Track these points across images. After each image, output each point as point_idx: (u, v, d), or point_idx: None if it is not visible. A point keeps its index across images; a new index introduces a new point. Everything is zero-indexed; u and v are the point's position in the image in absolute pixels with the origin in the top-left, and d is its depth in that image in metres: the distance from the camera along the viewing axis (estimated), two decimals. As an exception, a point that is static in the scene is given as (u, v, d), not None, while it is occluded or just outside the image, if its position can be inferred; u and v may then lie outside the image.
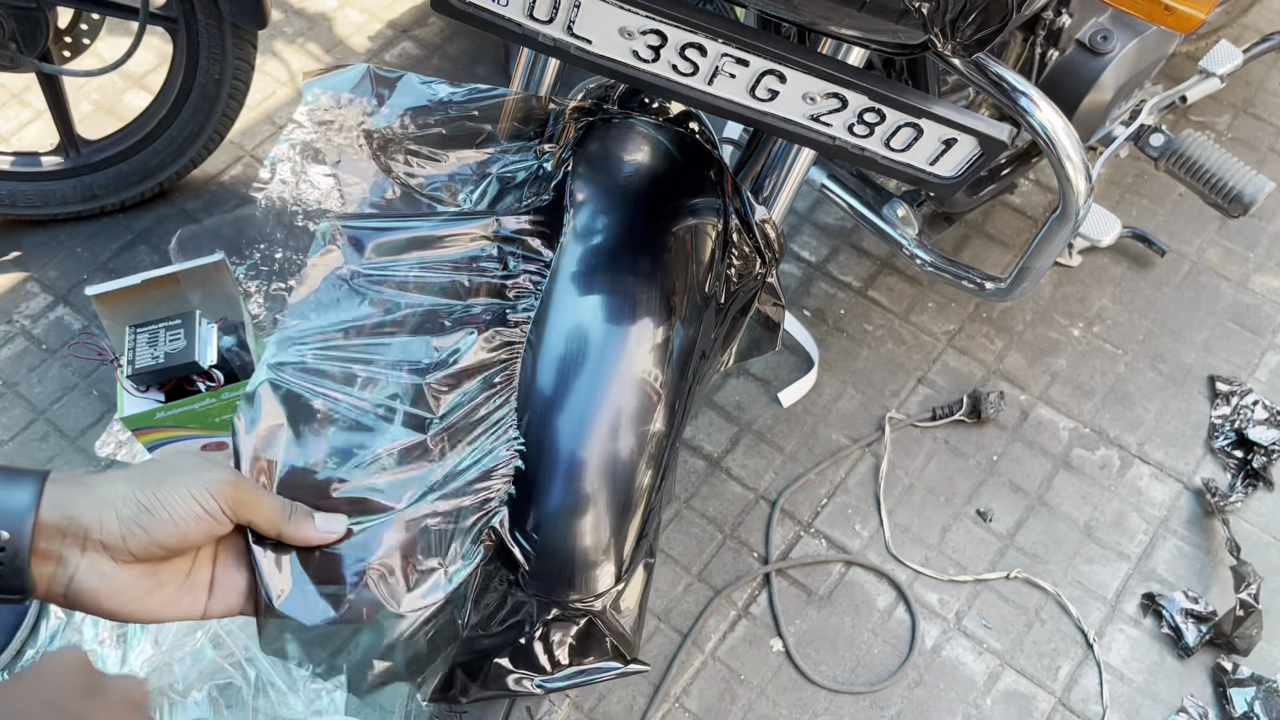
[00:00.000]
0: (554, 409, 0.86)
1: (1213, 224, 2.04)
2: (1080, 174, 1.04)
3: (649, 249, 0.94)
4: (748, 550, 1.65)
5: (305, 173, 0.95)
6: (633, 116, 1.00)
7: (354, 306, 0.83)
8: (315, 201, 0.93)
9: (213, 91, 1.79)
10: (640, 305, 0.90)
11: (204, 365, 1.57)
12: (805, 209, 2.05)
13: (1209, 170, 1.52)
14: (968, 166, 0.85)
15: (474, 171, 0.94)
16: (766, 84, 0.82)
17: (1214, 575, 1.64)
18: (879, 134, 0.84)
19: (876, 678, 1.54)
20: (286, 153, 0.95)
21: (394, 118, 0.90)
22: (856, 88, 0.80)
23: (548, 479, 0.84)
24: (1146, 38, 1.41)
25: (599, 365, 0.87)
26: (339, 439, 0.79)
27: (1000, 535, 1.68)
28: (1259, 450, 1.73)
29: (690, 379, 0.95)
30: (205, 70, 1.76)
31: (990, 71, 0.96)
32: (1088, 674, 1.55)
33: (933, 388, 1.83)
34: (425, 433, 0.81)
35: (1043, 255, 1.19)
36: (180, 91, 1.80)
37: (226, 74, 1.77)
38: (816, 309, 1.92)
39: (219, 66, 1.76)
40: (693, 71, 0.82)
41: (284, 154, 0.95)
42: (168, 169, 1.91)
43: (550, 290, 0.90)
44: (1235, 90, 2.23)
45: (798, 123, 0.85)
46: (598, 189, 0.96)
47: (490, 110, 0.93)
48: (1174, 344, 1.89)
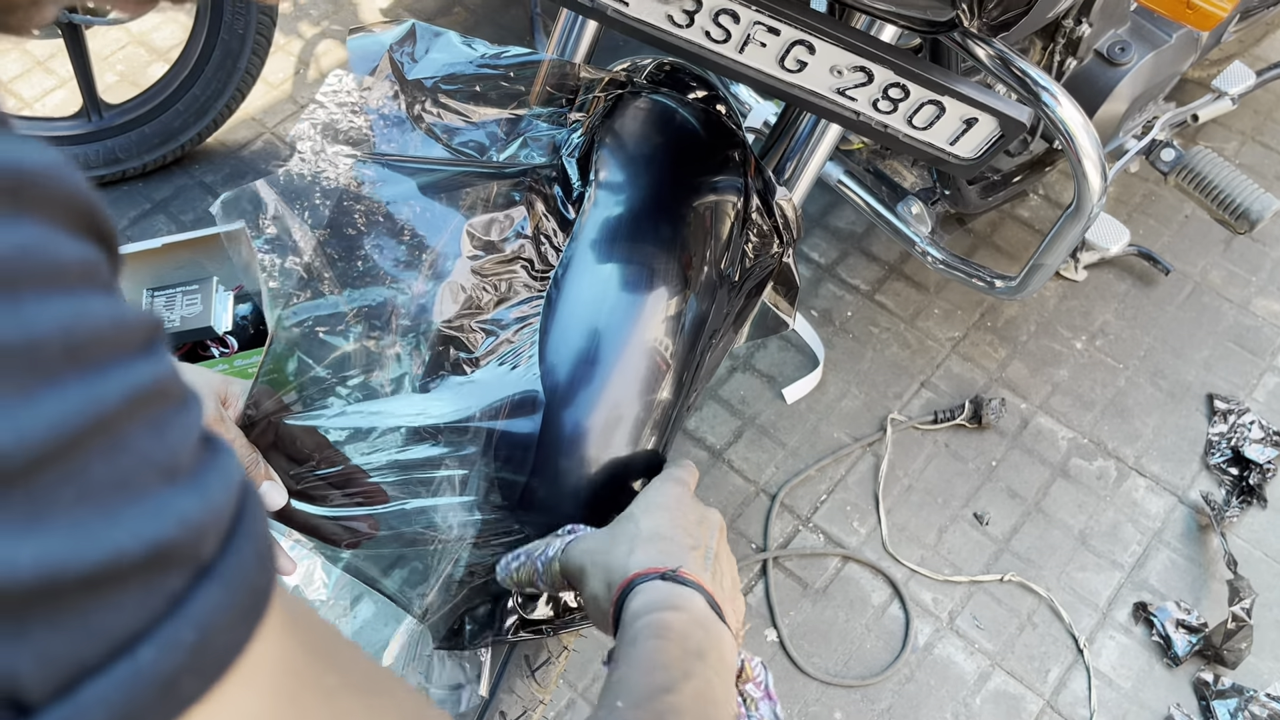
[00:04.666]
0: (565, 366, 0.88)
1: (1217, 246, 2.07)
2: (1097, 170, 1.06)
3: (669, 221, 0.96)
4: (746, 541, 1.66)
5: (325, 152, 0.97)
6: (661, 92, 1.02)
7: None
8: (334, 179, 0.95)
9: (236, 48, 1.81)
10: (657, 275, 0.92)
11: (219, 331, 1.59)
12: (818, 212, 2.08)
13: (1218, 186, 1.54)
14: (987, 147, 0.87)
15: (503, 131, 0.96)
16: (796, 55, 0.84)
17: (1205, 588, 1.65)
18: (902, 110, 0.86)
19: (868, 672, 1.56)
20: (307, 132, 0.97)
21: (431, 72, 0.92)
22: (883, 61, 0.82)
23: (556, 428, 0.86)
24: (1163, 52, 1.43)
25: (612, 329, 0.89)
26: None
27: (996, 539, 1.69)
28: (1254, 468, 1.75)
29: (700, 352, 0.97)
30: (229, 26, 1.78)
31: (1014, 65, 0.99)
32: (1077, 678, 1.57)
33: (935, 392, 1.85)
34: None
35: (1054, 252, 1.21)
36: (204, 49, 1.82)
37: (250, 29, 1.79)
38: (824, 310, 1.94)
39: (243, 21, 1.78)
40: (725, 39, 0.84)
41: (304, 133, 0.97)
42: (190, 130, 1.93)
43: (571, 253, 0.92)
44: (1244, 117, 2.26)
45: (824, 95, 0.87)
46: (623, 159, 0.98)
47: (525, 73, 0.95)
48: (1174, 361, 1.91)
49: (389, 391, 0.88)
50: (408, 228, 0.88)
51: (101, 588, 0.23)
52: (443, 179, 0.88)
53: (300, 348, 0.86)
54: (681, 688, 0.57)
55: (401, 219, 0.88)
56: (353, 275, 0.88)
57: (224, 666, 0.25)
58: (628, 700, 0.55)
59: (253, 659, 0.26)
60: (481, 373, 0.86)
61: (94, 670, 0.23)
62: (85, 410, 0.23)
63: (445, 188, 0.88)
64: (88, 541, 0.22)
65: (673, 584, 0.65)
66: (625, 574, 0.67)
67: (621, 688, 0.57)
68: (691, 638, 0.62)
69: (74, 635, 0.22)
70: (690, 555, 0.68)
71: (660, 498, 0.75)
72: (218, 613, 0.25)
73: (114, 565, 0.23)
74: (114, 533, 0.23)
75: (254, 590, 0.26)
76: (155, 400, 0.25)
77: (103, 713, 0.22)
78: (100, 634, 0.23)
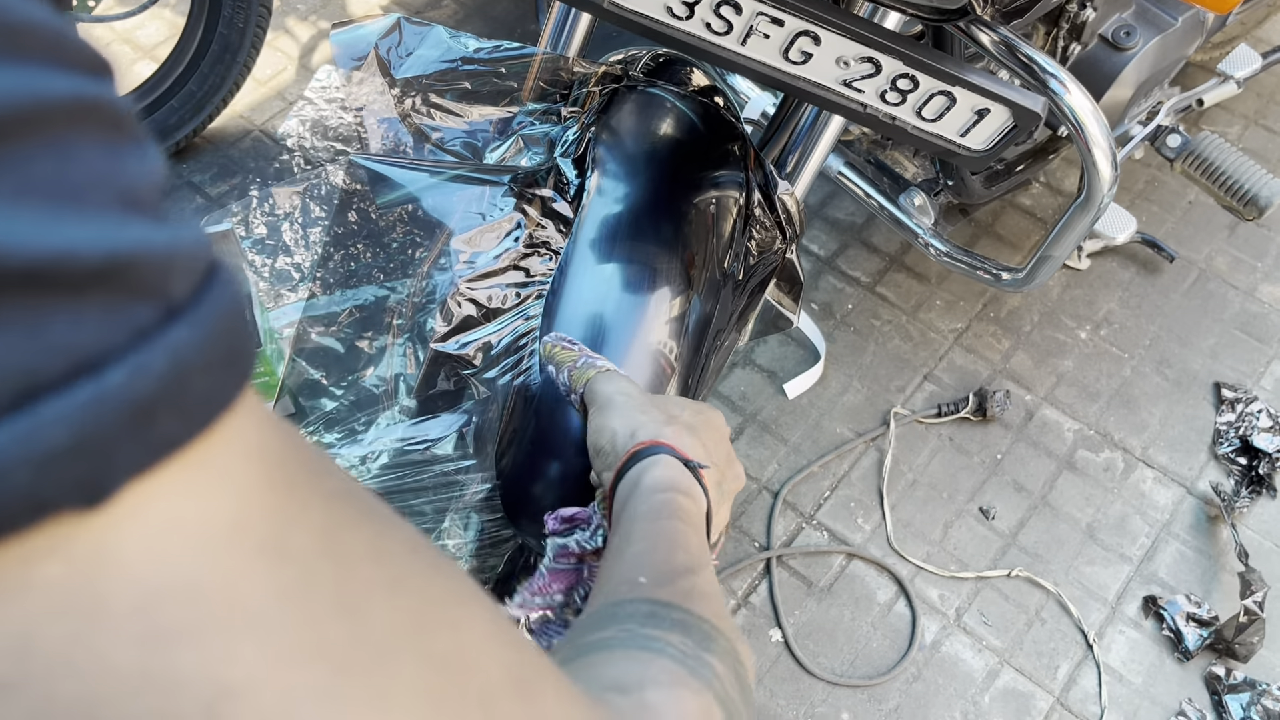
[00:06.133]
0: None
1: (1222, 232, 2.04)
2: (1107, 159, 1.03)
3: (669, 219, 0.93)
4: (749, 540, 1.64)
5: (314, 149, 0.94)
6: (658, 85, 0.99)
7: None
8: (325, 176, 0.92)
9: (235, 42, 1.77)
10: (659, 275, 0.90)
11: (208, 333, 1.56)
12: (817, 203, 2.05)
13: (1225, 172, 1.51)
14: (999, 139, 0.84)
15: (495, 129, 0.93)
16: (800, 46, 0.81)
17: (1215, 580, 1.63)
18: (911, 102, 0.83)
19: (875, 671, 1.53)
20: (296, 128, 0.94)
21: (419, 69, 0.89)
22: (892, 52, 0.79)
23: (558, 439, 0.84)
24: (1168, 35, 1.40)
25: (614, 335, 0.86)
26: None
27: (1002, 534, 1.67)
28: (1263, 457, 1.73)
29: (705, 354, 0.95)
30: (229, 20, 1.74)
31: (1021, 52, 0.96)
32: (1087, 674, 1.54)
33: (938, 385, 1.82)
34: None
35: (1062, 243, 1.18)
36: (200, 44, 1.78)
37: (250, 22, 1.75)
38: (825, 303, 1.91)
39: (243, 15, 1.74)
40: (726, 30, 0.81)
41: (293, 130, 0.94)
42: (185, 127, 1.90)
43: (569, 254, 0.90)
44: (1247, 101, 2.23)
45: (829, 88, 0.84)
46: (620, 156, 0.95)
47: (517, 69, 0.92)
48: (1180, 350, 1.89)
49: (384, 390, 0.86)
50: (399, 231, 0.85)
51: (51, 290, 0.20)
52: (434, 183, 0.85)
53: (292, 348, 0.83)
54: (702, 573, 0.56)
55: (392, 222, 0.85)
56: (344, 275, 0.86)
57: (205, 416, 0.23)
58: (652, 577, 0.54)
59: (238, 428, 0.24)
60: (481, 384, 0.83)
61: (53, 387, 0.21)
62: (17, 92, 0.21)
63: (437, 192, 0.85)
64: (31, 232, 0.20)
65: (692, 477, 0.66)
66: (653, 436, 0.67)
67: (642, 562, 0.56)
68: (701, 531, 0.63)
69: (23, 341, 0.20)
70: (712, 469, 0.69)
71: (709, 412, 0.76)
72: (192, 352, 0.22)
73: (64, 265, 0.20)
74: (64, 230, 0.21)
75: (231, 346, 0.24)
76: (106, 121, 0.23)
77: (64, 430, 0.20)
78: (57, 348, 0.21)
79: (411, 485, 0.85)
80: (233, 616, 0.23)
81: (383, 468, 0.85)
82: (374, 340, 0.86)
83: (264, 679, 0.23)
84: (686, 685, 0.43)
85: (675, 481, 0.63)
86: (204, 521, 0.23)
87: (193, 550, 0.23)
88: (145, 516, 0.22)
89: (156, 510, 0.22)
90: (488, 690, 0.29)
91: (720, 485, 0.70)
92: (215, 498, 0.24)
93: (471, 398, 0.85)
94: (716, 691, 0.44)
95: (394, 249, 0.86)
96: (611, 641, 0.47)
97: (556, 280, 0.89)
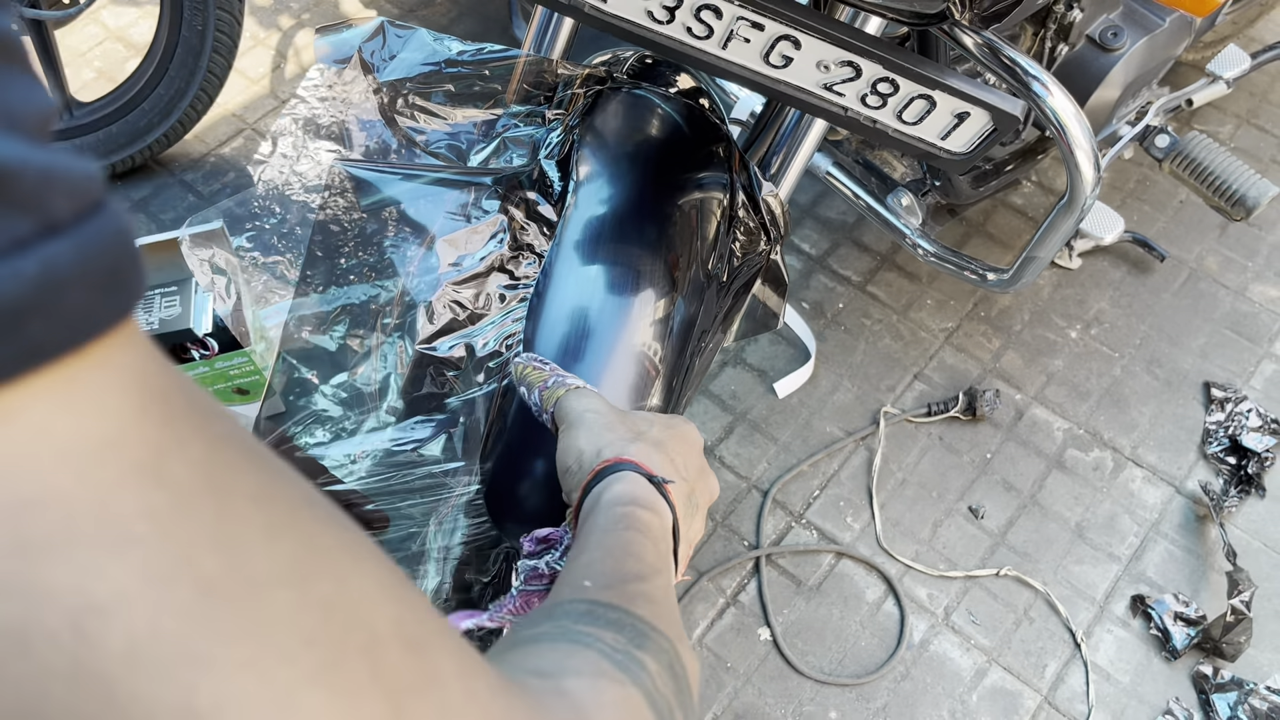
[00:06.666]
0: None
1: (1213, 232, 2.05)
2: (1089, 161, 1.03)
3: (654, 221, 0.94)
4: (739, 539, 1.64)
5: (306, 147, 0.94)
6: (642, 87, 0.99)
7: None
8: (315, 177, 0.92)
9: (196, 45, 1.77)
10: (643, 277, 0.90)
11: (199, 333, 1.56)
12: (807, 203, 2.05)
13: (1213, 172, 1.52)
14: (979, 142, 0.85)
15: (480, 132, 0.93)
16: (781, 50, 0.81)
17: (1204, 580, 1.64)
18: (891, 105, 0.83)
19: (863, 670, 1.54)
20: (288, 127, 0.94)
21: (403, 72, 0.89)
22: (871, 56, 0.79)
23: (542, 445, 0.84)
24: (1156, 36, 1.41)
25: (599, 336, 0.87)
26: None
27: (991, 533, 1.67)
28: (1252, 457, 1.73)
29: (690, 356, 0.95)
30: (189, 23, 1.74)
31: (1003, 54, 0.96)
32: (1074, 673, 1.55)
33: (929, 384, 1.82)
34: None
35: (1047, 245, 1.19)
36: (166, 47, 1.78)
37: (209, 25, 1.75)
38: (815, 302, 1.92)
39: (200, 18, 1.74)
40: (707, 35, 0.82)
41: (285, 128, 0.94)
42: (155, 130, 1.88)
43: (553, 256, 0.90)
44: (1239, 100, 2.23)
45: (810, 91, 0.84)
46: (604, 158, 0.96)
47: (501, 71, 0.92)
48: (1171, 349, 1.89)
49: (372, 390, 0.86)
50: (385, 233, 0.86)
51: None
52: (418, 186, 0.85)
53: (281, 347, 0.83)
54: (654, 580, 0.56)
55: (379, 224, 0.85)
56: (334, 274, 0.86)
57: (80, 333, 0.23)
58: (598, 582, 0.54)
59: (118, 354, 0.24)
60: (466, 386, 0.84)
61: None
62: None
63: (421, 195, 0.85)
64: None
65: (656, 491, 0.65)
66: (619, 453, 0.67)
67: (591, 570, 0.56)
68: (663, 543, 0.63)
69: None
70: (679, 486, 0.69)
71: (680, 425, 0.76)
72: (67, 266, 0.23)
73: None
74: None
75: (113, 272, 0.24)
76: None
77: None
78: None
79: (399, 487, 0.85)
80: (102, 533, 0.23)
81: (370, 469, 0.85)
82: (363, 339, 0.87)
83: (133, 596, 0.23)
84: (610, 677, 0.43)
85: (635, 496, 0.64)
86: (75, 436, 0.23)
87: (62, 463, 0.23)
88: (14, 424, 0.22)
89: (26, 420, 0.23)
90: (374, 641, 0.29)
91: (691, 498, 0.70)
92: (87, 415, 0.24)
93: (457, 400, 0.86)
94: (645, 687, 0.44)
95: (382, 249, 0.86)
96: (541, 636, 0.47)
97: (540, 282, 0.89)
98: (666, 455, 0.69)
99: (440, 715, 0.30)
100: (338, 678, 0.27)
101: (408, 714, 0.29)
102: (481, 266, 0.88)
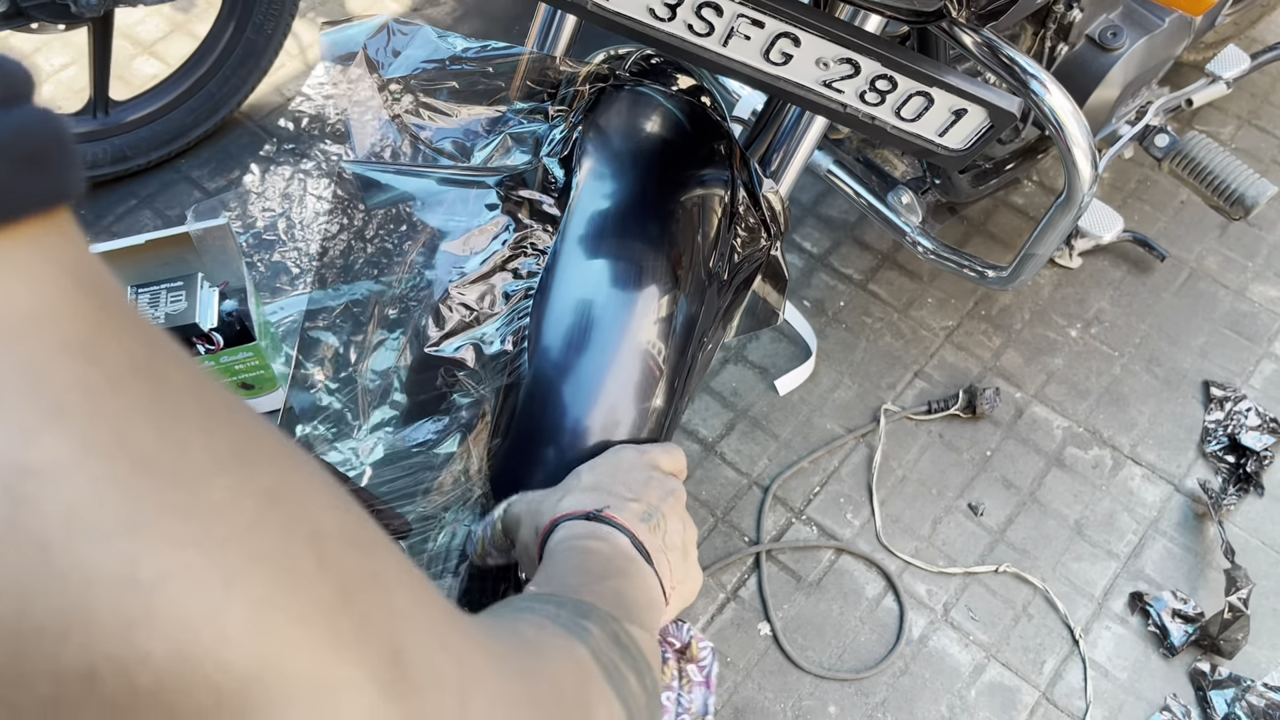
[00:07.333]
0: (554, 376, 0.86)
1: (1213, 232, 2.05)
2: (1087, 159, 1.04)
3: (656, 217, 0.94)
4: (739, 534, 1.65)
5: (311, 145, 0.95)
6: (644, 85, 1.00)
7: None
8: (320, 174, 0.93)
9: (261, 46, 1.82)
10: (646, 274, 0.91)
11: (204, 328, 1.57)
12: (809, 201, 2.06)
13: (1213, 172, 1.53)
14: (976, 139, 0.86)
15: (484, 129, 0.94)
16: (781, 47, 0.82)
17: (1202, 577, 1.64)
18: (890, 102, 0.84)
19: (863, 665, 1.55)
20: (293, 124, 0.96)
21: (408, 69, 0.90)
22: (870, 53, 0.80)
23: (549, 443, 0.84)
24: (1155, 36, 1.42)
25: (602, 334, 0.87)
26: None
27: (991, 530, 1.68)
28: (1251, 455, 1.74)
29: (691, 353, 0.96)
30: (258, 26, 1.78)
31: (1001, 53, 0.97)
32: (1072, 669, 1.56)
33: (929, 382, 1.83)
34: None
35: (1045, 242, 1.20)
36: (226, 46, 1.81)
37: (280, 29, 1.80)
38: (816, 300, 1.93)
39: (274, 22, 1.78)
40: (708, 32, 0.83)
41: (291, 125, 0.96)
42: (200, 126, 1.94)
43: (556, 253, 0.91)
44: (1240, 101, 2.24)
45: (810, 88, 0.85)
46: (607, 155, 0.97)
47: (504, 68, 0.93)
48: (1170, 348, 1.90)
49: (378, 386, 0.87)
50: (390, 232, 0.87)
51: None
52: (424, 186, 0.86)
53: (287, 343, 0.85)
54: (599, 587, 0.56)
55: (384, 223, 0.87)
56: (339, 270, 0.87)
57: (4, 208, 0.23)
58: (543, 588, 0.56)
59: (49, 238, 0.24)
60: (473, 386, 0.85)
61: None
62: None
63: (425, 196, 0.87)
64: None
65: (596, 523, 0.65)
66: (551, 516, 0.68)
67: (537, 583, 0.58)
68: (614, 562, 0.62)
69: None
70: (626, 506, 0.68)
71: (611, 457, 0.76)
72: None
73: None
74: None
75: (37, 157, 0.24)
76: None
77: None
78: None
79: (405, 489, 0.86)
80: (34, 402, 0.23)
81: (377, 470, 0.86)
82: (370, 335, 0.88)
83: (69, 464, 0.23)
84: (554, 633, 0.44)
85: (574, 533, 0.65)
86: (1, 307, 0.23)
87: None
88: None
89: None
90: (319, 535, 0.28)
91: (652, 508, 0.71)
92: (16, 290, 0.24)
93: (464, 400, 0.87)
94: (590, 645, 0.45)
95: (387, 247, 0.87)
96: (488, 612, 0.47)
97: (544, 280, 0.90)
98: (602, 491, 0.70)
99: (388, 612, 0.29)
100: (284, 561, 0.27)
101: (357, 603, 0.28)
102: (486, 267, 0.89)
